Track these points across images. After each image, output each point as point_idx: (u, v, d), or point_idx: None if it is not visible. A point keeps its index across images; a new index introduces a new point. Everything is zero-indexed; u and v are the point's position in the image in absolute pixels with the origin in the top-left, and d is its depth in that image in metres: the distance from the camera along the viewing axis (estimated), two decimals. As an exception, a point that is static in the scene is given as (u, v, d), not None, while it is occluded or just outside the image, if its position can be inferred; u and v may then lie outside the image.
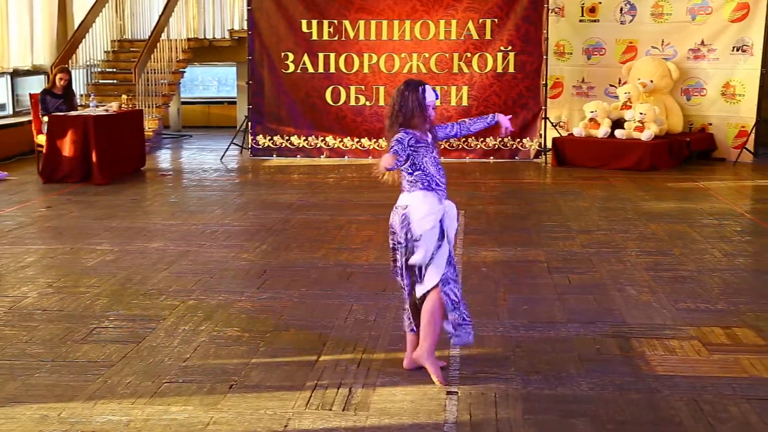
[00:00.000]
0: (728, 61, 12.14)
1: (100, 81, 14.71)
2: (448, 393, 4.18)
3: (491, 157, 12.54)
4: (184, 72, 15.43)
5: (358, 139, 12.80)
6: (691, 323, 5.19)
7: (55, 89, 10.94)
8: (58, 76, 10.99)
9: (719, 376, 4.36)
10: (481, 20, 12.42)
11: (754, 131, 12.00)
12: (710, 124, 12.41)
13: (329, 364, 4.56)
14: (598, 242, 7.35)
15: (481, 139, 12.48)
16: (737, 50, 12.07)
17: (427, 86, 4.33)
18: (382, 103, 12.56)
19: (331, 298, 5.76)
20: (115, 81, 14.82)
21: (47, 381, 4.35)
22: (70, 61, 13.26)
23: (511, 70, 12.44)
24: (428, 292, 4.29)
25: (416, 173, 4.27)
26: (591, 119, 12.06)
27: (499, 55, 12.44)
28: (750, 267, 6.63)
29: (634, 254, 6.92)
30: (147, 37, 14.24)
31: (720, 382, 4.28)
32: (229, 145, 13.17)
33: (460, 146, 12.50)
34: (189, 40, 15.24)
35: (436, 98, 4.36)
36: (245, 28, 13.53)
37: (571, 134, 12.35)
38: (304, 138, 12.89)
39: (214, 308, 5.54)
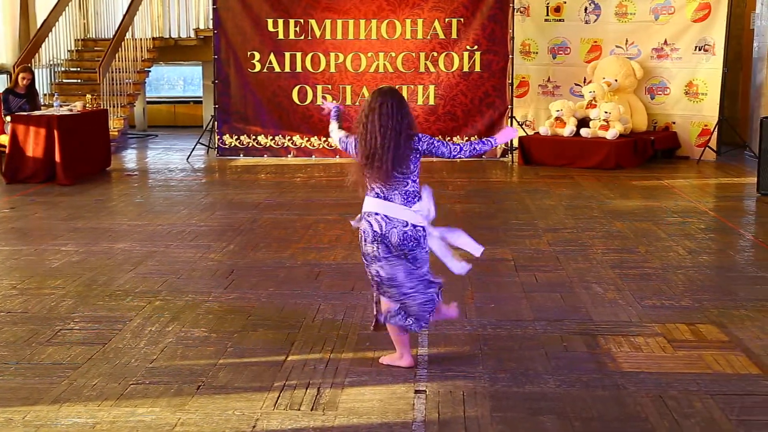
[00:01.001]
0: (691, 60, 12.28)
1: (64, 80, 14.58)
2: (417, 392, 4.19)
3: (458, 156, 12.54)
4: (150, 71, 15.33)
5: (325, 139, 12.75)
6: (656, 320, 5.24)
7: (18, 89, 10.80)
8: (21, 75, 10.85)
9: (684, 372, 4.41)
10: (447, 19, 12.46)
11: (716, 130, 12.15)
12: (674, 123, 12.55)
13: (297, 364, 4.55)
14: (564, 240, 7.40)
15: (449, 138, 12.50)
16: (699, 50, 12.21)
17: None
18: (348, 102, 12.55)
19: (299, 297, 5.75)
20: (79, 80, 14.69)
21: (11, 384, 4.30)
22: (32, 60, 13.12)
23: (478, 69, 12.50)
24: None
25: (417, 180, 4.31)
26: (557, 118, 12.15)
27: (466, 54, 12.49)
28: (713, 264, 6.71)
29: (600, 252, 6.98)
30: (111, 36, 14.14)
31: (685, 378, 4.33)
32: (196, 145, 13.08)
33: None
34: (154, 39, 15.14)
35: None
36: (211, 27, 13.41)
37: (537, 133, 12.43)
38: (271, 137, 12.85)
39: (181, 309, 5.51)
